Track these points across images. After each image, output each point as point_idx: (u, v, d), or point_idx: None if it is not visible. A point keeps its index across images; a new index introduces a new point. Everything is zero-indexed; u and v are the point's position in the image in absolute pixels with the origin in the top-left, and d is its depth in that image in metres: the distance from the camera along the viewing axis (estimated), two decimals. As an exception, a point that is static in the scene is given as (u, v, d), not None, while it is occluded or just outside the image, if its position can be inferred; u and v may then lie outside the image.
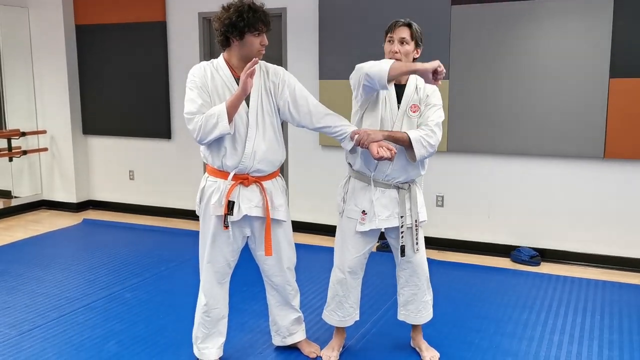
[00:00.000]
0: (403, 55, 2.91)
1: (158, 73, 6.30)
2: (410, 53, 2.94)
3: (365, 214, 3.06)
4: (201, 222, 3.00)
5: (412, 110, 2.98)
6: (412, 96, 2.99)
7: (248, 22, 2.74)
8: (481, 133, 5.03)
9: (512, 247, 5.09)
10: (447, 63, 5.03)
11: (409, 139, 2.87)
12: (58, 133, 6.79)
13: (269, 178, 2.98)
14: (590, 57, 4.63)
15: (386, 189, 3.04)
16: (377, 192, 3.04)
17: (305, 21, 5.56)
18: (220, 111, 2.70)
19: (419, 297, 3.18)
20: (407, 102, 2.98)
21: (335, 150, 5.50)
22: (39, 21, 6.64)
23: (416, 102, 2.99)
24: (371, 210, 3.04)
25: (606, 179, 4.76)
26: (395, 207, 3.04)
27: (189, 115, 2.77)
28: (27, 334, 3.55)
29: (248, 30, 2.76)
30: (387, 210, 3.04)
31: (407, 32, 2.92)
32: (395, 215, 3.05)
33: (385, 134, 2.89)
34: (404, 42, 2.91)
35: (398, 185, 3.04)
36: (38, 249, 5.36)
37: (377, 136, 2.87)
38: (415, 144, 2.87)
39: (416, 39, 2.94)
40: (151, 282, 4.45)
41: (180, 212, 6.50)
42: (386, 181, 3.03)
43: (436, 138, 2.92)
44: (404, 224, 3.05)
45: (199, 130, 2.73)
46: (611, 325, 3.70)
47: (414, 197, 3.06)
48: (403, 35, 2.91)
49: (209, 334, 3.08)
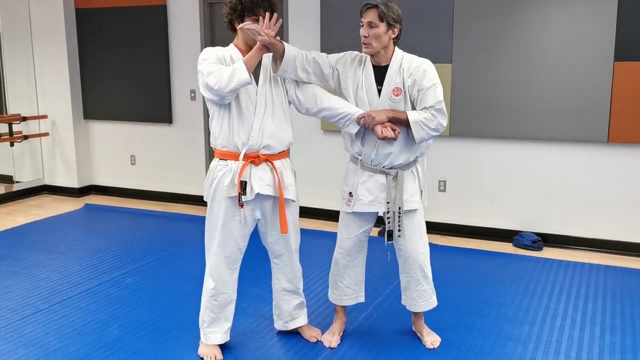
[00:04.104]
0: (373, 38, 2.86)
1: (159, 57, 6.26)
2: (381, 35, 2.86)
3: (351, 196, 3.08)
4: (209, 206, 3.00)
5: (394, 94, 2.92)
6: (394, 78, 2.93)
7: (246, 6, 2.83)
8: (484, 118, 5.00)
9: (514, 232, 5.08)
10: (450, 47, 4.99)
11: (408, 120, 2.85)
12: (59, 118, 6.77)
13: (278, 157, 3.00)
14: (595, 41, 4.58)
15: (374, 174, 3.02)
16: (364, 176, 3.04)
17: (307, 6, 5.51)
18: (238, 63, 2.75)
19: (413, 286, 3.15)
20: (389, 85, 2.93)
21: (336, 135, 5.47)
22: (39, 5, 6.59)
23: (398, 84, 2.92)
24: (355, 193, 3.05)
25: (610, 164, 4.74)
26: (382, 192, 3.02)
27: (209, 72, 2.75)
28: (29, 318, 3.56)
29: (247, 14, 2.84)
30: (371, 194, 3.03)
31: (374, 14, 2.85)
32: (381, 200, 3.03)
33: (390, 115, 2.87)
34: (372, 25, 2.85)
35: (385, 171, 3.01)
36: (40, 234, 5.36)
37: (382, 118, 2.86)
38: (414, 126, 2.85)
39: (387, 20, 2.85)
40: (153, 266, 4.45)
41: (181, 196, 6.50)
42: (372, 166, 3.02)
43: (437, 122, 2.86)
44: (389, 209, 3.02)
45: (219, 80, 2.71)
46: (613, 309, 3.69)
47: (400, 184, 3.00)
48: (370, 19, 2.85)
49: (215, 319, 3.08)
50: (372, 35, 2.86)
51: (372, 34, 2.86)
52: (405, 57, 2.96)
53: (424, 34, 4.99)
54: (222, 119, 2.89)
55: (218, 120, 2.91)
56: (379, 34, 2.86)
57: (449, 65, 4.99)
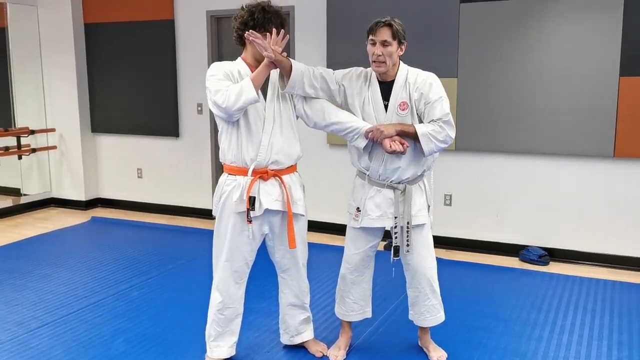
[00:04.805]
0: (387, 57, 2.87)
1: (166, 71, 6.31)
2: (393, 53, 2.88)
3: (359, 211, 3.07)
4: (217, 221, 3.01)
5: (401, 109, 2.93)
6: (400, 93, 2.94)
7: (258, 22, 2.83)
8: (490, 132, 5.01)
9: (520, 247, 5.07)
10: (455, 61, 5.01)
11: (416, 133, 2.85)
12: (67, 131, 6.81)
13: (287, 172, 3.00)
14: (600, 55, 4.59)
15: (382, 189, 3.02)
16: (372, 191, 3.04)
17: (313, 19, 5.55)
18: (245, 81, 2.76)
19: (421, 301, 3.14)
20: (395, 100, 2.93)
21: (342, 149, 5.49)
22: (48, 19, 6.67)
23: (405, 99, 2.93)
24: (364, 208, 3.05)
25: (616, 178, 4.73)
26: (390, 207, 3.02)
27: (217, 90, 2.77)
28: (35, 331, 3.56)
29: (258, 30, 2.83)
30: (379, 209, 3.02)
31: (388, 32, 2.85)
32: (389, 215, 3.02)
33: (399, 128, 2.87)
34: (386, 44, 2.86)
35: (393, 186, 3.01)
36: (46, 246, 5.38)
37: (390, 131, 2.85)
38: (423, 139, 2.84)
39: (398, 37, 2.87)
40: (159, 280, 4.46)
41: (188, 210, 6.51)
42: (380, 181, 3.02)
43: (445, 133, 2.87)
44: (397, 224, 3.01)
45: (226, 98, 2.73)
46: (621, 325, 3.67)
47: (408, 198, 3.00)
48: (384, 38, 2.85)
49: (222, 332, 3.08)
50: (386, 54, 2.86)
51: (386, 53, 2.86)
52: (410, 71, 2.98)
53: (430, 48, 5.01)
54: (230, 134, 2.90)
55: (227, 135, 2.92)
56: (392, 52, 2.87)
57: (454, 80, 5.01)
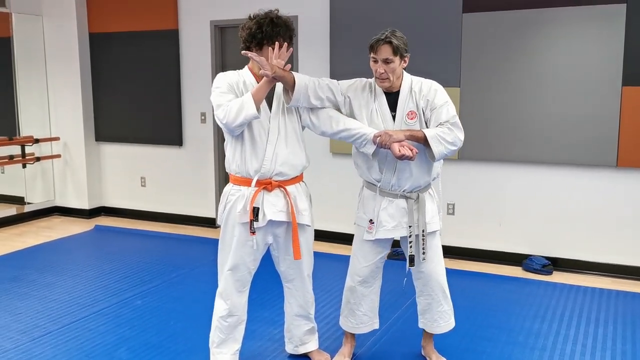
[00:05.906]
0: (390, 73, 2.88)
1: (170, 80, 6.34)
2: (396, 68, 2.89)
3: (372, 223, 3.05)
4: (222, 230, 3.02)
5: (409, 118, 2.93)
6: (407, 103, 2.94)
7: (267, 34, 2.82)
8: (492, 141, 5.02)
9: (523, 256, 5.06)
10: (458, 71, 5.03)
11: (425, 137, 2.84)
12: (71, 140, 6.84)
13: (292, 182, 3.00)
14: (603, 65, 4.61)
15: (394, 199, 3.01)
16: (385, 202, 3.02)
17: (317, 29, 5.58)
18: (246, 96, 2.77)
19: (434, 307, 3.14)
20: (402, 110, 2.94)
21: (345, 158, 5.50)
22: (53, 29, 6.71)
23: (412, 108, 2.93)
24: (377, 220, 3.03)
25: (619, 188, 4.73)
26: (403, 216, 3.01)
27: (219, 105, 2.80)
28: (38, 340, 3.57)
29: (266, 43, 2.83)
30: (394, 220, 3.02)
31: (389, 50, 2.85)
32: (404, 225, 3.02)
33: (407, 133, 2.86)
34: (388, 61, 2.86)
35: (406, 195, 3.02)
36: (50, 255, 5.39)
37: (399, 136, 2.84)
38: (432, 141, 2.83)
39: (400, 52, 2.87)
40: (162, 288, 4.46)
41: (191, 219, 6.52)
42: (392, 191, 3.02)
43: (454, 135, 2.87)
44: (412, 233, 3.01)
45: (227, 114, 2.75)
46: (624, 335, 3.66)
47: (422, 206, 3.00)
48: (386, 56, 2.85)
49: (225, 339, 3.08)
50: (389, 70, 2.87)
51: (389, 70, 2.87)
52: (414, 80, 2.99)
53: (433, 58, 5.03)
54: (235, 145, 2.91)
55: (232, 146, 2.93)
56: (394, 68, 2.88)
57: (457, 89, 5.02)
